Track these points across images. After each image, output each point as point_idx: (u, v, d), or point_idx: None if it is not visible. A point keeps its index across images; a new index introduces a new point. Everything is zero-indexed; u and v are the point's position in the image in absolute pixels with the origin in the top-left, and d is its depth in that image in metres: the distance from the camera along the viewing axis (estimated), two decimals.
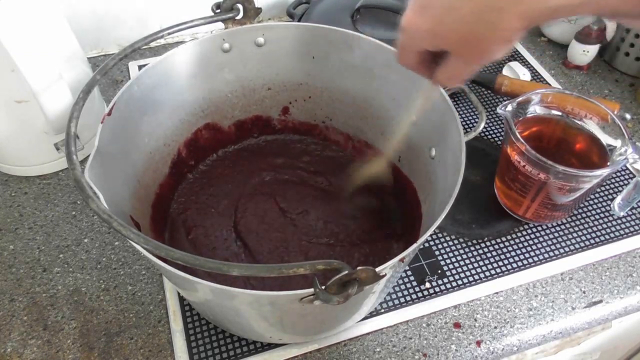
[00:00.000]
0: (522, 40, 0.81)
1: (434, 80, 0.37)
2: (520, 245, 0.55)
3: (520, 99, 0.52)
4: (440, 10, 0.31)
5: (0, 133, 0.57)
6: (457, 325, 0.50)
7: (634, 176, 0.50)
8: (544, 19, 0.30)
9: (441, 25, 0.32)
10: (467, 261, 0.54)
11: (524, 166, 0.50)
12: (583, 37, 0.72)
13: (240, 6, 0.49)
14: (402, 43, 0.35)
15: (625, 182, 0.61)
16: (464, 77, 0.35)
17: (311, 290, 0.31)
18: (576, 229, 0.57)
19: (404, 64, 0.37)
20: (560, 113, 0.54)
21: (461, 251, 0.55)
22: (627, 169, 0.63)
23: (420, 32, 0.33)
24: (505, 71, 0.73)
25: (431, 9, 0.32)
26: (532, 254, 0.55)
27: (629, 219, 0.58)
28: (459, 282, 0.52)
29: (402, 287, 0.52)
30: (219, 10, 0.49)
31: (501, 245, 0.55)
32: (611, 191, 0.60)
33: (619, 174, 0.62)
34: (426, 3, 0.32)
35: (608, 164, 0.50)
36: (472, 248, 0.55)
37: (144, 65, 0.59)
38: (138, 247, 0.32)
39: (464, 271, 0.53)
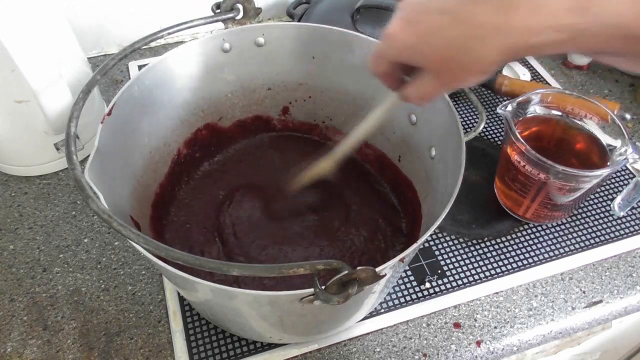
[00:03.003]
0: None
1: (403, 95, 0.37)
2: (520, 245, 0.55)
3: (520, 99, 0.52)
4: (427, 29, 0.31)
5: (0, 133, 0.57)
6: (457, 325, 0.50)
7: (634, 176, 0.50)
8: (525, 55, 0.30)
9: (424, 44, 0.31)
10: (467, 261, 0.54)
11: (524, 166, 0.50)
12: None
13: (240, 6, 0.49)
14: (380, 51, 0.35)
15: (625, 182, 0.61)
16: (432, 97, 0.35)
17: (311, 290, 0.31)
18: (576, 229, 0.57)
19: (375, 71, 0.37)
20: (560, 113, 0.54)
21: (461, 251, 0.55)
22: (627, 169, 0.63)
23: (402, 44, 0.32)
24: (505, 71, 0.73)
25: (418, 24, 0.31)
26: (532, 254, 0.55)
27: (629, 219, 0.58)
28: (459, 282, 0.52)
29: (402, 287, 0.52)
30: (219, 10, 0.49)
31: (501, 245, 0.55)
32: (611, 191, 0.60)
33: (619, 174, 0.62)
34: (414, 18, 0.32)
35: (608, 164, 0.50)
36: (472, 248, 0.55)
37: (144, 65, 0.59)
38: (138, 247, 0.32)
39: (464, 271, 0.53)
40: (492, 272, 0.53)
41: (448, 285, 0.52)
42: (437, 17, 0.30)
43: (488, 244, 0.55)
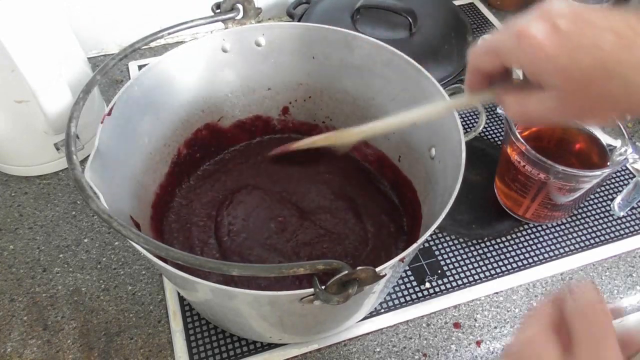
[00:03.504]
0: None
1: (502, 102, 0.31)
2: (520, 245, 0.55)
3: None
4: (582, 44, 0.25)
5: (0, 133, 0.57)
6: (457, 325, 0.50)
7: (634, 176, 0.50)
8: None
9: (572, 60, 0.25)
10: (467, 261, 0.54)
11: (524, 166, 0.50)
12: None
13: (240, 6, 0.49)
14: (502, 49, 0.29)
15: (625, 182, 0.61)
16: (540, 119, 0.30)
17: (311, 290, 0.31)
18: (576, 229, 0.57)
19: (477, 66, 0.31)
20: None
21: (461, 251, 0.55)
22: (627, 169, 0.63)
23: (541, 52, 0.26)
24: None
25: (571, 36, 0.25)
26: (532, 254, 0.55)
27: (629, 219, 0.58)
28: (459, 282, 0.52)
29: (402, 287, 0.52)
30: (219, 10, 0.49)
31: (501, 245, 0.55)
32: (611, 191, 0.60)
33: (619, 174, 0.62)
34: (567, 26, 0.25)
35: (608, 164, 0.50)
36: (472, 248, 0.55)
37: (144, 65, 0.59)
38: (138, 247, 0.32)
39: (464, 271, 0.53)
40: (492, 272, 0.53)
41: (448, 285, 0.52)
42: (600, 34, 0.25)
43: (488, 244, 0.55)
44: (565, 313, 0.27)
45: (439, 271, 0.53)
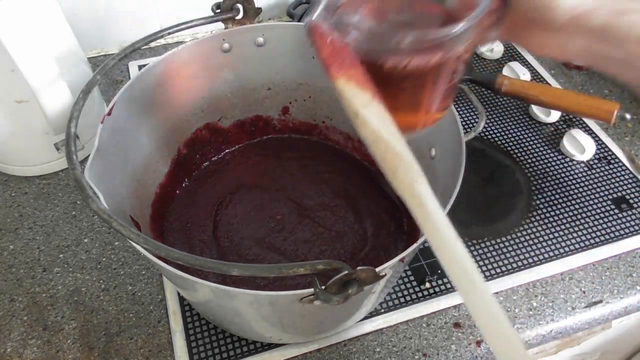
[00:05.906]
0: None
1: None
2: (520, 245, 0.55)
3: None
4: None
5: (0, 133, 0.57)
6: (457, 325, 0.50)
7: (637, 179, 0.47)
8: None
9: None
10: None
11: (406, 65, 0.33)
12: None
13: (240, 6, 0.49)
14: None
15: (626, 182, 0.61)
16: None
17: (311, 290, 0.31)
18: (576, 228, 0.57)
19: None
20: None
21: None
22: (631, 172, 0.63)
23: None
24: (505, 71, 0.73)
25: None
26: (532, 254, 0.55)
27: (629, 219, 0.58)
28: None
29: (402, 287, 0.52)
30: (219, 10, 0.49)
31: (501, 245, 0.55)
32: (611, 191, 0.60)
33: (619, 174, 0.62)
34: None
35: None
36: (472, 248, 0.55)
37: (144, 65, 0.59)
38: (138, 247, 0.32)
39: None
40: (492, 272, 0.53)
41: (448, 285, 0.52)
42: None
43: (488, 244, 0.55)
44: None
45: (439, 271, 0.53)
